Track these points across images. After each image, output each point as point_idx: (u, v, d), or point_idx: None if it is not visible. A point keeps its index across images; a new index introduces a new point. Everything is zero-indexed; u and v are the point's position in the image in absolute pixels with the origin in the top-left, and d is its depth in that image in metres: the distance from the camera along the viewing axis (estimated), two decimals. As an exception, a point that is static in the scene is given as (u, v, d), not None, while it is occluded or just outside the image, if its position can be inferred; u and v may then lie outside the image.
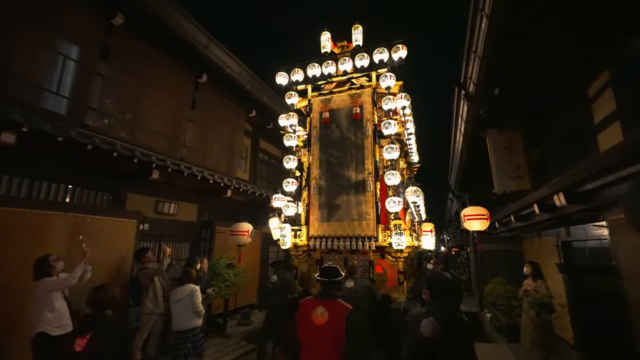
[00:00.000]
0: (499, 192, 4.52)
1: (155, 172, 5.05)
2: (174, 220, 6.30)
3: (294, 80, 5.36)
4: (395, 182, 4.25)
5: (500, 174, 4.57)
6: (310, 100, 5.42)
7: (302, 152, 5.40)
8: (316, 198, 4.95)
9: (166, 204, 6.09)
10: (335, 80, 5.34)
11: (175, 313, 3.84)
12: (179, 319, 3.82)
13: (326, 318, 2.31)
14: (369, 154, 4.73)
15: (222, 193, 6.81)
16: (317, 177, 5.03)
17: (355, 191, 4.71)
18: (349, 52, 5.26)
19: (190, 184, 6.21)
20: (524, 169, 4.52)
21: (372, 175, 4.64)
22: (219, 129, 7.66)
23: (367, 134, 4.81)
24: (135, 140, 5.43)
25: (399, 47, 4.69)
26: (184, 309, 3.83)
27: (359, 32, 5.36)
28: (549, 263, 5.73)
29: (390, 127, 4.42)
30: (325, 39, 5.45)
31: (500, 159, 4.61)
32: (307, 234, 4.89)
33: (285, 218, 5.00)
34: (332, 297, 2.48)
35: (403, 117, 5.01)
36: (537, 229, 6.81)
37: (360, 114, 4.94)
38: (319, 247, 4.67)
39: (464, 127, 4.84)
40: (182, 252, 6.41)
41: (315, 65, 5.22)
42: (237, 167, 8.42)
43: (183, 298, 3.85)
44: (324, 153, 5.07)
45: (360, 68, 4.99)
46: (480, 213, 5.99)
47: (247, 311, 7.25)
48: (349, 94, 5.14)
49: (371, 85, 5.01)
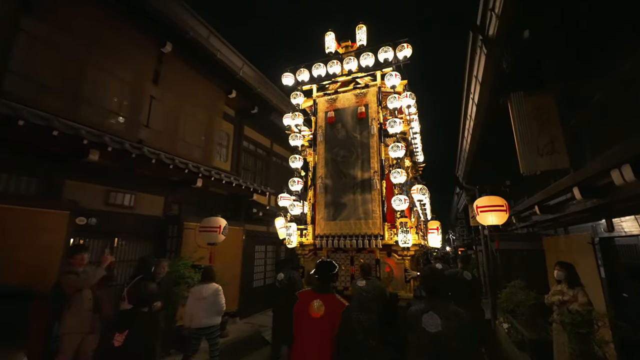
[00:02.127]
0: (527, 173, 3.48)
1: (94, 152, 4.06)
2: (131, 214, 5.32)
3: (299, 80, 5.45)
4: (401, 181, 4.27)
5: (528, 150, 3.53)
6: (315, 99, 5.47)
7: (307, 152, 5.44)
8: (322, 197, 4.98)
9: (120, 195, 5.10)
10: (340, 79, 5.39)
11: (194, 310, 3.92)
12: (199, 316, 3.90)
13: (322, 312, 2.31)
14: (374, 152, 4.75)
15: (191, 183, 5.82)
16: (323, 176, 5.06)
17: (361, 190, 4.73)
18: (354, 51, 5.37)
19: (152, 171, 5.23)
20: (559, 141, 3.47)
21: (377, 173, 4.66)
22: (192, 110, 6.67)
23: (373, 133, 4.83)
24: (78, 116, 4.47)
25: (404, 46, 4.77)
26: (206, 307, 3.94)
27: (362, 32, 5.41)
28: (579, 264, 4.65)
29: (396, 126, 4.45)
30: (330, 39, 5.52)
31: (528, 131, 3.57)
32: (313, 232, 4.91)
33: (291, 217, 5.01)
34: (329, 291, 2.47)
35: (408, 116, 5.11)
36: (562, 223, 5.74)
37: (366, 113, 4.96)
38: (326, 245, 4.70)
39: (479, 92, 3.80)
40: (141, 252, 5.42)
41: (320, 65, 5.32)
42: (215, 155, 7.43)
43: (207, 296, 3.96)
44: (330, 152, 5.11)
45: (365, 67, 5.07)
46: (497, 204, 4.97)
47: (224, 320, 6.24)
48: (354, 93, 5.16)
49: (376, 84, 5.02)
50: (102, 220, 4.77)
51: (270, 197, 9.63)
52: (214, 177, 5.74)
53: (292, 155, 5.21)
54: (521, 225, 6.94)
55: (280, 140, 10.42)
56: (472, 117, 4.58)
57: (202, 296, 3.95)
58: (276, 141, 10.36)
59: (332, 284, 2.58)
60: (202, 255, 5.46)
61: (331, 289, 2.51)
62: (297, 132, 5.33)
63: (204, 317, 3.91)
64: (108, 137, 4.03)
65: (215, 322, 4.02)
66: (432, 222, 5.89)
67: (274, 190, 8.54)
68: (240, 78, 6.81)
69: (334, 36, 5.53)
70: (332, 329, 2.22)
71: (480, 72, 3.48)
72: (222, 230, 5.43)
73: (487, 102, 3.91)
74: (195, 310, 3.91)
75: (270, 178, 9.95)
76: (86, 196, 4.69)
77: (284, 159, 10.96)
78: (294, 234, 4.87)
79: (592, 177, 2.94)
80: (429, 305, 2.17)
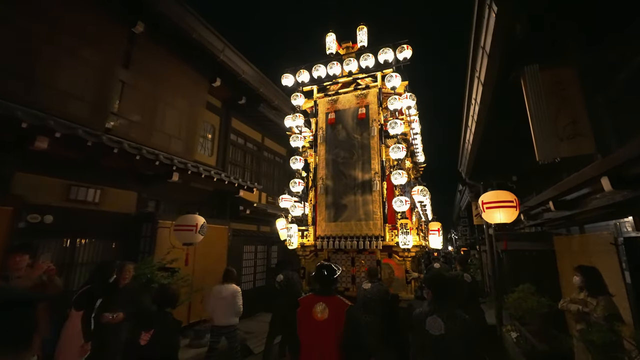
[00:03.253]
0: (544, 161, 2.91)
1: (42, 139, 3.52)
2: (97, 210, 4.79)
3: (299, 81, 5.42)
4: (402, 182, 4.28)
5: (545, 134, 2.96)
6: (316, 100, 5.47)
7: (308, 153, 5.43)
8: (323, 198, 4.99)
9: (83, 189, 4.58)
10: (341, 80, 5.38)
11: (215, 308, 4.19)
12: (219, 314, 4.17)
13: (327, 314, 2.29)
14: (375, 153, 4.77)
15: (167, 177, 5.28)
16: (324, 177, 5.07)
17: (362, 191, 4.74)
18: (354, 52, 5.34)
19: (118, 163, 4.69)
20: (583, 122, 2.90)
21: (378, 174, 4.67)
22: (171, 99, 6.13)
23: (373, 134, 4.84)
24: (34, 101, 3.94)
25: (404, 47, 4.77)
26: (225, 307, 4.16)
27: (363, 33, 5.40)
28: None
29: (397, 127, 4.46)
30: (331, 40, 5.49)
31: (545, 111, 3.00)
32: (314, 234, 4.94)
33: (292, 218, 5.02)
34: (331, 293, 2.45)
35: (409, 117, 5.13)
36: (578, 221, 5.15)
37: (366, 114, 4.97)
38: (326, 247, 4.71)
39: (487, 66, 3.23)
40: (108, 254, 4.89)
41: (320, 66, 5.31)
42: (198, 148, 6.90)
43: (226, 296, 4.19)
44: (331, 153, 5.11)
45: (365, 68, 5.06)
46: (505, 199, 4.39)
47: (205, 328, 5.69)
48: (354, 95, 5.18)
49: (377, 86, 5.03)
50: (60, 217, 4.25)
51: (261, 195, 9.10)
52: (191, 170, 5.19)
53: (293, 157, 5.25)
54: (530, 223, 6.36)
55: (273, 134, 9.88)
56: (478, 100, 4.01)
57: (222, 296, 4.20)
58: (268, 135, 9.81)
59: (334, 286, 2.55)
60: (176, 256, 4.91)
61: (333, 291, 2.50)
62: (298, 133, 5.33)
63: (223, 317, 4.15)
64: (54, 121, 3.47)
65: (234, 322, 4.24)
66: (433, 223, 5.91)
67: (261, 186, 8.01)
68: (221, 62, 6.24)
69: (335, 37, 5.52)
70: (338, 330, 2.22)
71: (489, 40, 2.90)
72: (199, 229, 4.90)
73: (496, 78, 3.33)
74: (216, 309, 4.20)
75: (261, 174, 9.41)
76: (41, 190, 4.17)
77: (277, 154, 10.41)
78: (295, 235, 4.88)
79: (627, 164, 2.37)
80: (433, 308, 2.23)
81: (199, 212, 5.24)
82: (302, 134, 5.36)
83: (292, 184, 5.11)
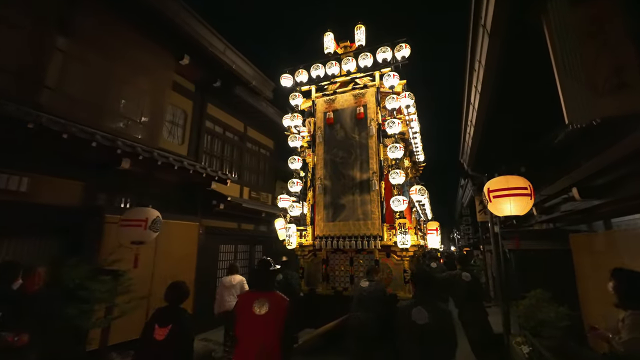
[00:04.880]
0: (576, 123, 2.10)
1: None
2: (24, 202, 4.00)
3: (298, 81, 5.44)
4: (399, 181, 4.31)
5: (578, 87, 2.15)
6: (314, 100, 5.48)
7: (306, 153, 5.43)
8: (321, 198, 5.03)
9: (3, 177, 3.79)
10: (339, 80, 5.37)
11: (223, 297, 4.76)
12: (232, 300, 4.54)
13: (266, 308, 2.33)
14: (373, 153, 4.78)
15: (115, 165, 4.49)
16: (322, 177, 5.09)
17: (360, 191, 4.78)
18: (352, 52, 5.33)
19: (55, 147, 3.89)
20: (632, 70, 2.08)
21: (376, 174, 4.70)
22: (129, 77, 5.33)
23: (371, 134, 4.86)
24: None
25: (402, 46, 4.82)
26: (237, 293, 4.64)
27: (361, 32, 5.40)
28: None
29: (394, 126, 4.51)
30: (329, 40, 5.49)
31: (578, 58, 2.19)
32: (312, 234, 4.98)
33: (290, 218, 5.04)
34: (270, 288, 2.49)
35: (407, 116, 5.16)
36: (604, 214, 4.31)
37: (364, 114, 4.99)
38: (325, 246, 4.77)
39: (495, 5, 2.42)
40: (38, 254, 4.09)
41: (318, 65, 5.31)
42: (165, 134, 6.11)
43: (236, 284, 4.83)
44: (329, 153, 5.13)
45: (363, 68, 5.06)
46: (517, 186, 3.56)
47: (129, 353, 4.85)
48: (352, 94, 5.18)
49: (375, 85, 5.04)
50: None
51: (243, 189, 8.30)
52: (142, 155, 4.40)
53: (292, 157, 5.25)
54: (543, 218, 5.53)
55: (258, 124, 9.07)
56: (482, 61, 3.17)
57: (232, 284, 4.80)
58: (252, 125, 8.99)
59: (271, 282, 2.60)
60: (122, 256, 4.10)
61: (272, 286, 2.54)
62: (296, 133, 5.32)
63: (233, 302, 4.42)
64: None
65: None
66: (432, 222, 6.03)
67: (238, 179, 7.19)
68: (188, 35, 5.43)
69: (333, 36, 5.47)
70: (278, 324, 2.29)
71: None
72: (150, 225, 4.12)
73: (507, 23, 2.52)
74: (225, 296, 4.69)
75: (244, 167, 8.60)
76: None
77: (263, 145, 9.59)
78: (294, 235, 4.90)
79: None
80: (417, 300, 2.48)
81: (162, 207, 4.46)
82: (301, 134, 5.38)
83: (290, 184, 5.15)
